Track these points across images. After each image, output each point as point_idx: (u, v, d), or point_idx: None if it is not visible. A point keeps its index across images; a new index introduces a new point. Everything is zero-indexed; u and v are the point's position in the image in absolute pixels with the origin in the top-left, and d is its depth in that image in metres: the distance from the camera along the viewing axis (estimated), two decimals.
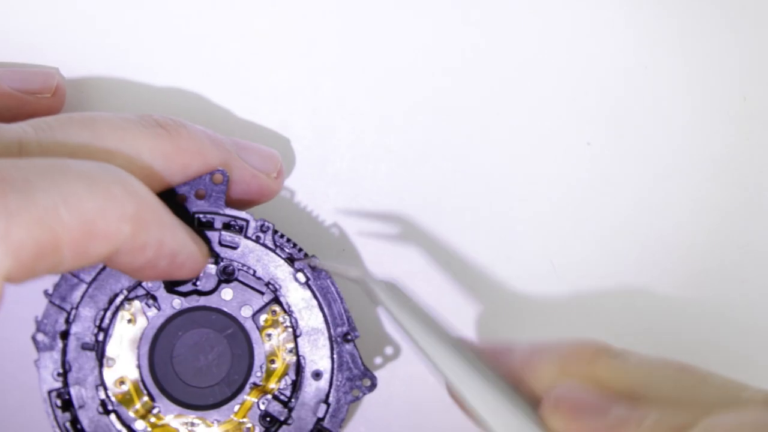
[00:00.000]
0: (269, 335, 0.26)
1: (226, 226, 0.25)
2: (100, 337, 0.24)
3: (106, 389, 0.24)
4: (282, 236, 0.26)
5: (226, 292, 0.26)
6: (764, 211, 0.32)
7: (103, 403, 0.24)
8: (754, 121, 0.32)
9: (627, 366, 0.22)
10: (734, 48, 0.32)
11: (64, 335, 0.24)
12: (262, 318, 0.26)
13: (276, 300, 0.26)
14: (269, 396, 0.26)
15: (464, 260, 0.31)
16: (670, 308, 0.31)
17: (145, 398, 0.25)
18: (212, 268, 0.26)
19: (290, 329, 0.26)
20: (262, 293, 0.26)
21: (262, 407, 0.25)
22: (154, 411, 0.25)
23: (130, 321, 0.25)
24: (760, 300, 0.32)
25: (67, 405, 0.24)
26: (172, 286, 0.25)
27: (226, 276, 0.26)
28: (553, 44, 0.32)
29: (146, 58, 0.30)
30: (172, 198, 0.25)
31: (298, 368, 0.26)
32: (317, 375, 0.25)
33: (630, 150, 0.32)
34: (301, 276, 0.26)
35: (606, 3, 0.32)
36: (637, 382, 0.22)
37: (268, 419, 0.25)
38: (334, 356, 0.25)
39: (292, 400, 0.26)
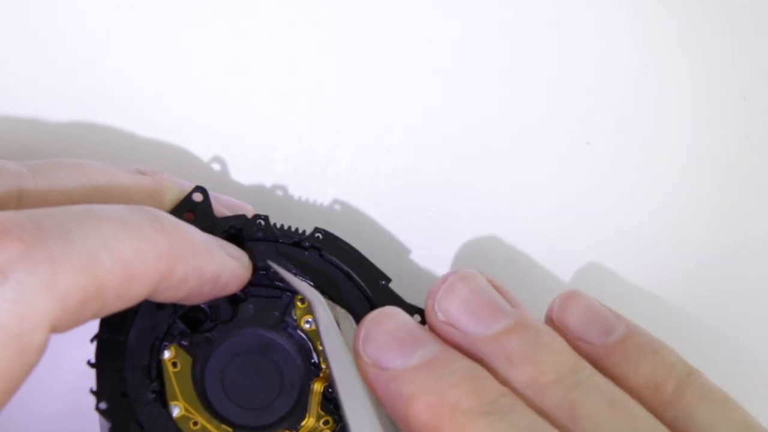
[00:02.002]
0: (308, 322, 0.26)
1: (229, 238, 0.25)
2: (156, 387, 0.24)
3: None
4: (281, 226, 0.26)
5: (247, 310, 0.26)
6: (764, 210, 0.32)
7: None
8: (754, 121, 0.32)
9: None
10: (734, 48, 0.32)
11: (125, 395, 0.23)
12: (293, 313, 0.26)
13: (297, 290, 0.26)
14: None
15: (464, 260, 0.31)
16: (670, 307, 0.31)
17: (226, 428, 0.24)
18: (221, 298, 0.25)
19: None
20: (279, 297, 0.26)
21: (331, 395, 0.25)
22: None
23: (175, 365, 0.25)
24: (760, 299, 0.32)
25: None
26: (195, 328, 0.25)
27: (237, 300, 0.26)
28: (553, 44, 0.32)
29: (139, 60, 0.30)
30: None
31: None
32: None
33: (630, 150, 0.32)
34: (313, 252, 0.26)
35: (607, 3, 0.32)
36: None
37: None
38: (376, 307, 0.25)
39: None
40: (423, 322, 0.25)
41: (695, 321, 0.31)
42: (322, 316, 0.24)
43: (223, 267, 0.23)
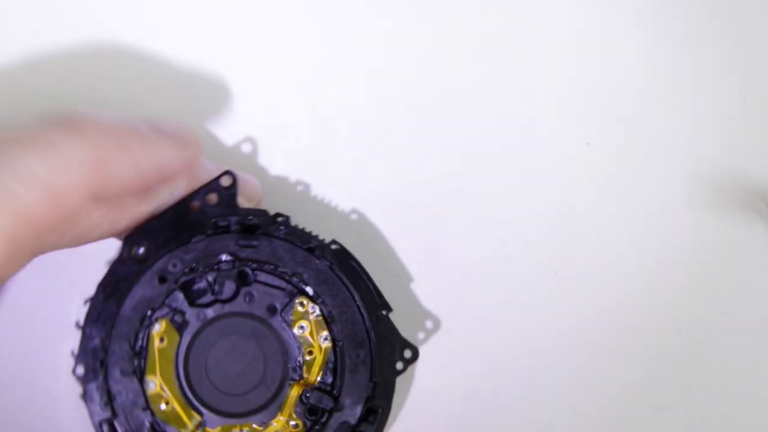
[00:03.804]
0: (302, 327, 0.26)
1: (244, 228, 0.25)
2: (137, 360, 0.24)
3: (152, 412, 0.24)
4: (301, 227, 0.26)
5: (248, 294, 0.26)
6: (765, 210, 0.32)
7: (152, 427, 0.24)
8: (754, 121, 0.32)
9: None
10: (734, 48, 0.32)
11: (103, 364, 0.23)
12: (291, 313, 0.26)
13: (301, 292, 0.26)
14: (312, 388, 0.25)
15: (463, 260, 0.31)
16: (669, 308, 0.31)
17: (194, 415, 0.24)
18: (230, 274, 0.25)
19: (321, 317, 0.26)
20: (284, 289, 0.26)
21: (307, 401, 0.25)
22: (201, 427, 0.25)
23: (162, 340, 0.25)
24: (759, 301, 0.32)
25: None
26: (193, 300, 0.25)
27: (243, 281, 0.26)
28: (553, 45, 0.32)
29: (145, 46, 0.30)
30: (186, 208, 0.25)
31: (336, 354, 0.25)
32: (357, 356, 0.25)
33: (630, 150, 0.32)
34: (323, 262, 0.26)
35: (606, 4, 0.32)
36: None
37: (314, 411, 0.25)
38: (371, 334, 0.25)
39: (336, 387, 0.25)
40: (414, 357, 0.26)
41: (694, 321, 0.31)
42: None
43: (162, 153, 0.23)
